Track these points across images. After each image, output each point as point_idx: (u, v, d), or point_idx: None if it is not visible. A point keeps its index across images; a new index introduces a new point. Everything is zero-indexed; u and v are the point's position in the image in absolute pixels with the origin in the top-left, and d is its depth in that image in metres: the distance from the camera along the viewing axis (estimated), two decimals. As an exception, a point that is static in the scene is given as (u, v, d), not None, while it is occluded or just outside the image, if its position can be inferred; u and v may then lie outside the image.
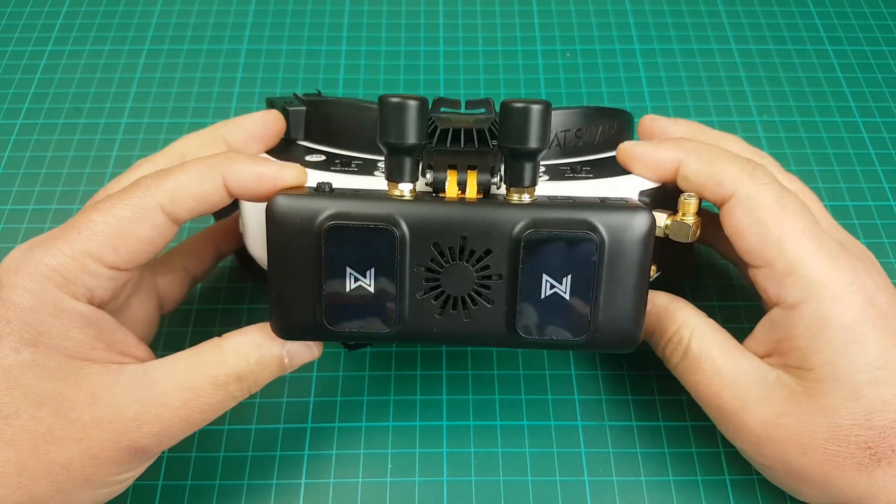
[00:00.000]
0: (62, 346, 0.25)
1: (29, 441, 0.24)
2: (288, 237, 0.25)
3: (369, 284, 0.26)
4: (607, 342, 0.27)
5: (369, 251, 0.25)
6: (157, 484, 0.32)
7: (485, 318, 0.26)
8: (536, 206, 0.26)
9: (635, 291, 0.26)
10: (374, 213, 0.25)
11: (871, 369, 0.26)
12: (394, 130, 0.25)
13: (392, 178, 0.26)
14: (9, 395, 0.24)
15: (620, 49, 0.50)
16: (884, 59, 0.50)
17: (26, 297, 0.24)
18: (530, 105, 0.25)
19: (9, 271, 0.25)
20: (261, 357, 0.27)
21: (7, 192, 0.42)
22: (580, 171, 0.30)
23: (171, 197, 0.26)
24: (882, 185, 0.43)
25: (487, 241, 0.26)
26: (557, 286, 0.26)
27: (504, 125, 0.25)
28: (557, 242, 0.25)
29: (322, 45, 0.50)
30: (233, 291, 0.38)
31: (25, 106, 0.46)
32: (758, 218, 0.26)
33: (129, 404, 0.25)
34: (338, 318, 0.26)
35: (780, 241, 0.26)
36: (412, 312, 0.26)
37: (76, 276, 0.25)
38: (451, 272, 0.26)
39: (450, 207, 0.26)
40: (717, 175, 0.27)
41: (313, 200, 0.25)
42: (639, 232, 0.26)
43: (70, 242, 0.25)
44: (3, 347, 0.24)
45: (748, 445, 0.28)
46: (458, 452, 0.33)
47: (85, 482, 0.25)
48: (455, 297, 0.26)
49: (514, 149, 0.25)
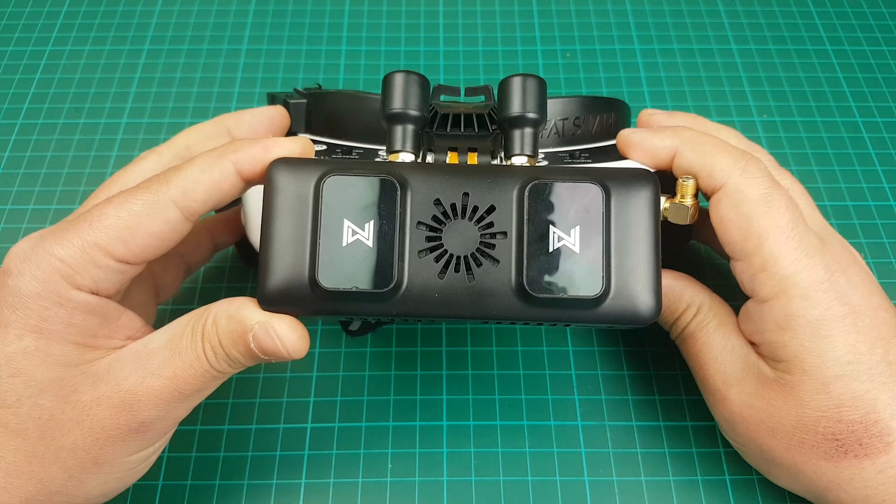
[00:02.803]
0: (66, 332, 0.25)
1: (35, 428, 0.24)
2: (285, 198, 0.25)
3: (367, 238, 0.24)
4: (624, 311, 0.25)
5: (369, 202, 0.24)
6: (157, 484, 0.32)
7: (490, 279, 0.25)
8: (538, 167, 0.26)
9: (649, 254, 0.25)
10: (375, 168, 0.25)
11: (840, 364, 0.26)
12: (397, 100, 0.25)
13: (393, 150, 0.26)
14: (10, 382, 0.24)
15: (620, 49, 0.50)
16: (884, 59, 0.50)
17: (32, 284, 0.24)
18: (526, 76, 0.25)
19: (17, 259, 0.25)
20: (229, 330, 0.25)
21: (7, 192, 0.42)
22: (579, 157, 0.30)
23: (183, 190, 0.25)
24: (882, 185, 0.43)
25: (491, 197, 0.25)
26: (566, 238, 0.25)
27: (502, 98, 0.26)
28: (563, 192, 0.25)
29: (322, 45, 0.50)
30: (233, 291, 0.38)
31: (25, 106, 0.46)
32: (742, 212, 0.27)
33: (128, 377, 0.25)
34: (332, 274, 0.24)
35: (760, 237, 0.26)
36: (412, 273, 0.25)
37: (84, 267, 0.25)
38: (453, 230, 0.25)
39: (451, 164, 0.26)
40: (710, 166, 0.28)
41: (314, 162, 0.25)
42: (645, 191, 0.25)
43: (80, 234, 0.25)
44: (7, 334, 0.24)
45: (726, 422, 0.29)
46: (458, 452, 0.33)
47: (94, 465, 0.25)
48: (458, 256, 0.25)
49: (513, 118, 0.25)
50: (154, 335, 0.26)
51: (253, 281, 0.39)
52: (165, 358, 0.25)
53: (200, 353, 0.25)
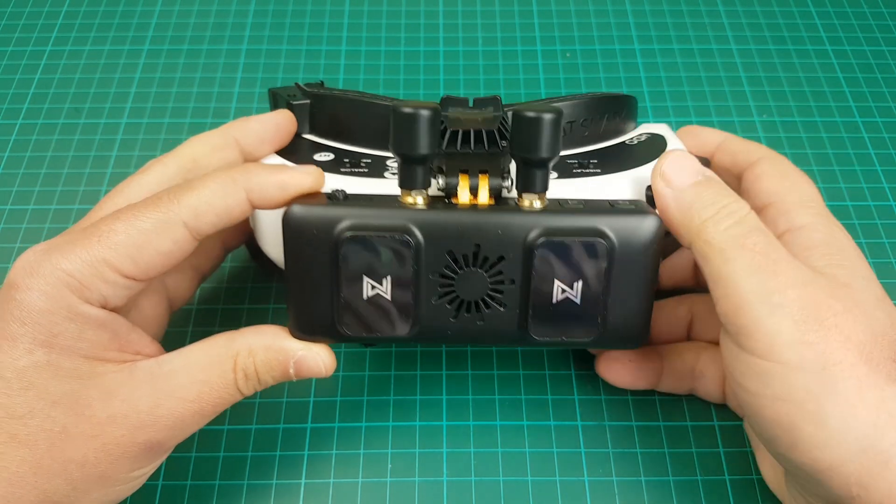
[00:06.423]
0: (77, 347, 0.25)
1: (44, 440, 0.24)
2: (304, 246, 0.26)
3: (385, 292, 0.26)
4: (616, 341, 0.28)
5: (386, 260, 0.26)
6: (157, 484, 0.32)
7: (497, 320, 0.27)
8: (548, 212, 0.26)
9: (644, 292, 0.27)
10: (390, 225, 0.25)
11: None
12: (406, 141, 0.25)
13: (405, 186, 0.26)
14: (23, 395, 0.24)
15: (620, 49, 0.50)
16: (884, 59, 0.50)
17: (42, 299, 0.24)
18: (542, 115, 0.24)
19: (24, 273, 0.25)
20: (267, 360, 0.27)
21: (7, 192, 0.42)
22: (588, 166, 0.30)
23: (195, 212, 0.26)
24: (882, 185, 0.43)
25: (500, 249, 0.26)
26: (569, 291, 0.27)
27: (516, 134, 0.25)
28: (569, 249, 0.26)
29: (322, 45, 0.50)
30: (232, 291, 0.38)
31: (25, 106, 0.46)
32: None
33: (144, 398, 0.25)
34: (354, 323, 0.27)
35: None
36: (427, 317, 0.27)
37: (92, 282, 0.25)
38: (465, 278, 0.26)
39: (463, 215, 0.26)
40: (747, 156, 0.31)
41: (328, 209, 0.26)
42: (647, 235, 0.26)
43: (88, 249, 0.25)
44: (17, 348, 0.24)
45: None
46: (458, 452, 0.33)
47: (100, 479, 0.25)
48: (469, 301, 0.27)
49: (526, 158, 0.25)
50: (168, 357, 0.26)
51: (254, 280, 0.39)
52: (187, 382, 0.26)
53: (230, 380, 0.26)
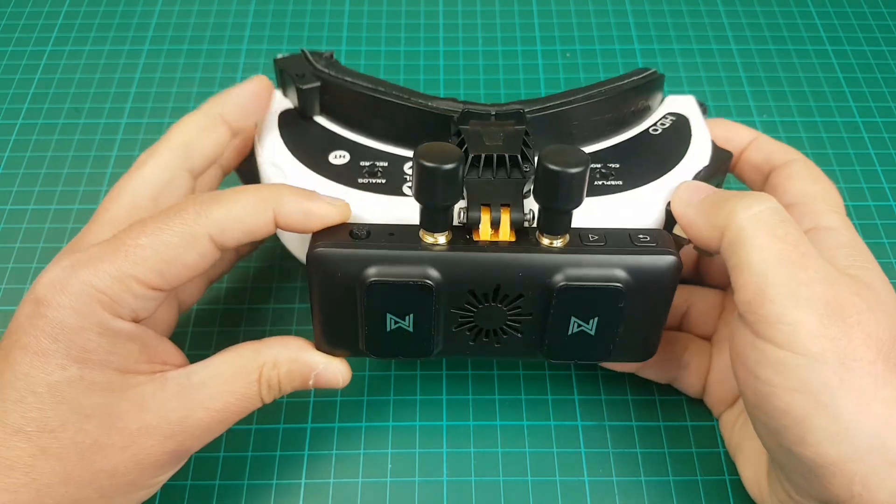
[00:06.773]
0: (109, 361, 0.25)
1: (75, 453, 0.25)
2: (329, 281, 0.27)
3: (408, 326, 0.27)
4: (624, 357, 0.29)
5: (408, 301, 0.27)
6: (157, 484, 0.32)
7: (514, 344, 0.29)
8: (568, 252, 0.26)
9: (657, 321, 0.28)
10: (412, 272, 0.26)
11: None
12: (428, 194, 0.25)
13: (427, 228, 0.26)
14: (55, 409, 0.24)
15: (620, 49, 0.50)
16: (884, 59, 0.50)
17: (73, 316, 0.24)
18: (567, 170, 0.24)
19: (53, 290, 0.25)
20: (291, 371, 0.28)
21: (7, 192, 0.42)
22: (609, 176, 0.29)
23: (222, 227, 0.26)
24: (882, 185, 0.43)
25: (520, 288, 0.27)
26: (584, 325, 0.28)
27: (540, 183, 0.25)
28: (587, 293, 0.26)
29: (322, 46, 0.50)
30: (233, 292, 0.38)
31: (25, 106, 0.46)
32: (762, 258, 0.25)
33: (175, 409, 0.26)
34: (378, 349, 0.29)
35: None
36: (447, 342, 0.28)
37: (121, 297, 0.25)
38: (484, 311, 0.27)
39: (484, 256, 0.26)
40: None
41: (353, 253, 0.26)
42: (666, 274, 0.27)
43: (116, 264, 0.25)
44: (49, 364, 0.24)
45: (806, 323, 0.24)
46: (458, 452, 0.33)
47: (128, 486, 0.26)
48: (487, 329, 0.28)
49: (549, 207, 0.25)
50: (196, 368, 0.27)
51: (254, 281, 0.39)
52: (213, 393, 0.27)
53: (254, 391, 0.27)
